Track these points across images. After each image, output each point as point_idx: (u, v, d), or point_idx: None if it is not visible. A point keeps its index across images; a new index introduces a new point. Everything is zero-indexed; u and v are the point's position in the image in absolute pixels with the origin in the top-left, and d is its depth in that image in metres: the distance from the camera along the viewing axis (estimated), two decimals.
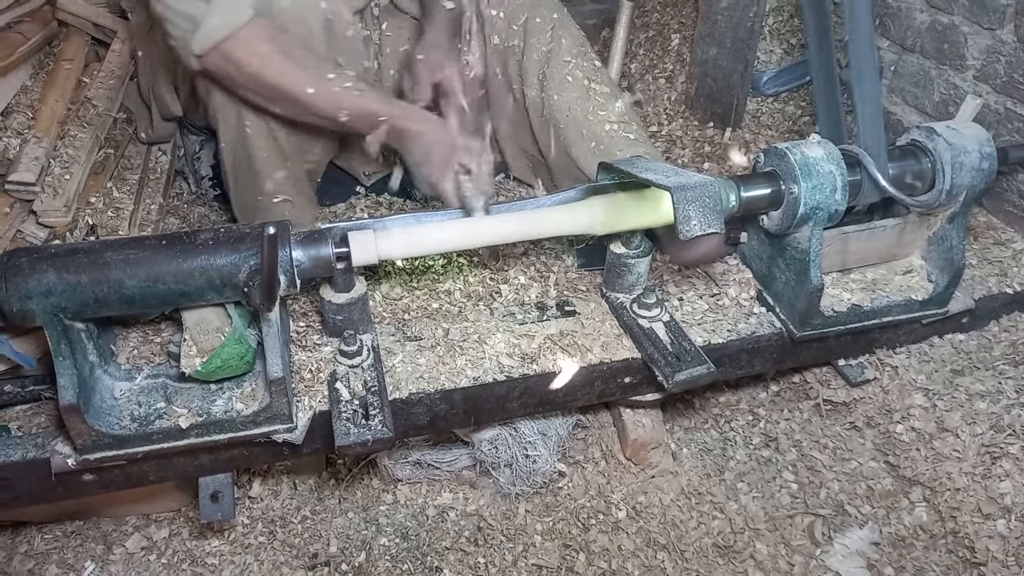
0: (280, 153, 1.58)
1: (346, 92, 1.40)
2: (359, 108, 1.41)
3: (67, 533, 1.46)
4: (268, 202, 1.63)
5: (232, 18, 1.32)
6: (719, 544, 1.44)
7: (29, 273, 1.04)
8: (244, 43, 1.34)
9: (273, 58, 1.36)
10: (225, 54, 1.35)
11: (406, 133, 1.43)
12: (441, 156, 1.40)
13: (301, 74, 1.38)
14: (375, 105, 1.42)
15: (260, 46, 1.35)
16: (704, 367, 1.25)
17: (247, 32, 1.33)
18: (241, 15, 1.32)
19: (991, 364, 1.48)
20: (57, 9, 1.84)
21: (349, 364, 1.25)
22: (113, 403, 1.17)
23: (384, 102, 1.43)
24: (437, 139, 1.41)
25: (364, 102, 1.41)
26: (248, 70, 1.36)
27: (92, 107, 1.70)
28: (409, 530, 1.48)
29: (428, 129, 1.42)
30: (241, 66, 1.36)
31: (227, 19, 1.32)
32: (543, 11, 1.66)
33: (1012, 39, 1.64)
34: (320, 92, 1.39)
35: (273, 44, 1.36)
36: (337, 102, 1.40)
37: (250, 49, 1.34)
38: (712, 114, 2.20)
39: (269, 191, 1.62)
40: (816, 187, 1.25)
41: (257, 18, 1.34)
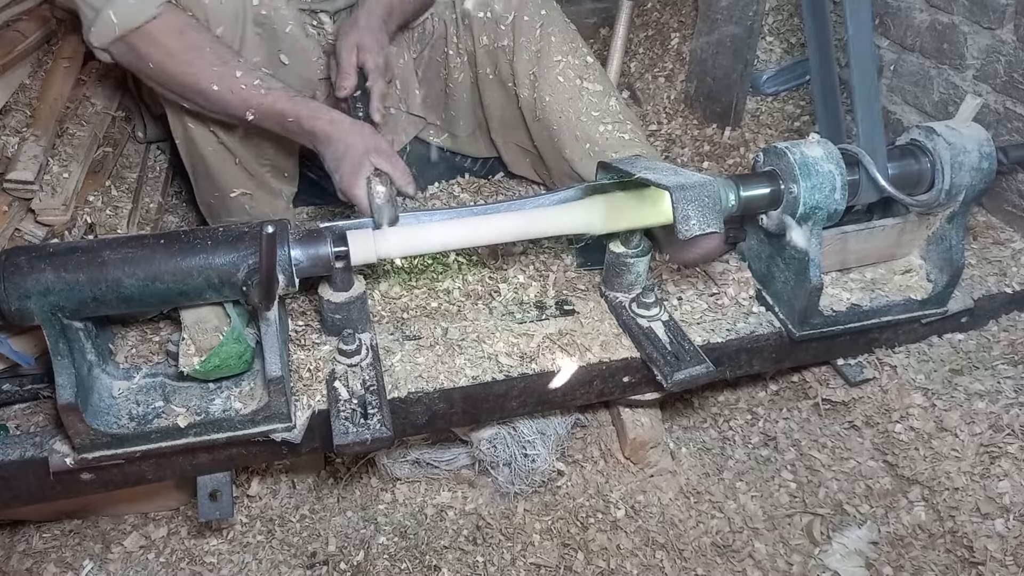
0: (226, 149, 1.56)
1: (253, 90, 1.34)
2: (266, 107, 1.35)
3: (65, 532, 1.46)
4: (225, 198, 1.61)
5: (133, 14, 1.29)
6: (718, 543, 1.44)
7: (27, 272, 1.04)
8: (149, 36, 1.31)
9: (178, 52, 1.32)
10: (130, 45, 1.32)
11: (317, 135, 1.35)
12: (352, 160, 1.31)
13: (206, 70, 1.33)
14: (283, 104, 1.35)
15: (166, 39, 1.31)
16: (703, 366, 1.25)
17: (155, 25, 1.30)
18: (145, 12, 1.29)
19: (990, 364, 1.48)
20: (55, 7, 1.83)
21: (348, 363, 1.25)
22: (111, 402, 1.17)
23: (293, 102, 1.36)
24: (347, 142, 1.33)
25: (271, 101, 1.35)
26: (152, 63, 1.33)
27: (91, 105, 1.70)
28: (408, 529, 1.48)
29: (337, 131, 1.34)
30: (144, 58, 1.33)
31: (127, 15, 1.29)
32: (531, 9, 1.61)
33: (1012, 39, 1.64)
34: (225, 89, 1.34)
35: (182, 38, 1.32)
36: (246, 101, 1.35)
37: (155, 42, 1.31)
38: (712, 113, 2.20)
39: (223, 188, 1.59)
40: (815, 186, 1.25)
41: (169, 10, 1.31)
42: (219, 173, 1.58)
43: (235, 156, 1.57)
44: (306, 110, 1.35)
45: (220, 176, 1.59)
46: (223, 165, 1.58)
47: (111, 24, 1.29)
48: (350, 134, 1.33)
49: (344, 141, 1.32)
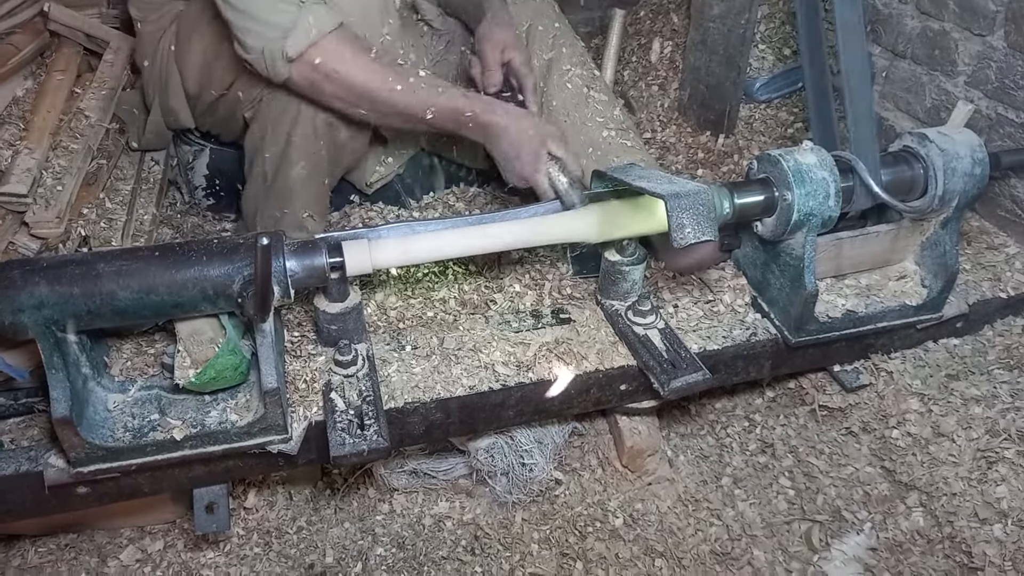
0: (318, 168, 1.60)
1: (431, 90, 1.42)
2: (444, 106, 1.43)
3: (61, 546, 1.45)
4: (297, 215, 1.64)
5: (321, 24, 1.35)
6: (717, 551, 1.43)
7: (21, 286, 1.04)
8: (330, 49, 1.37)
9: (358, 61, 1.39)
10: (311, 60, 1.38)
11: (492, 128, 1.44)
12: (531, 149, 1.41)
13: (387, 75, 1.41)
14: (460, 102, 1.43)
15: (345, 50, 1.39)
16: (699, 374, 1.25)
17: (332, 38, 1.37)
18: (329, 22, 1.36)
19: (986, 368, 1.48)
20: (49, 20, 1.84)
21: (344, 374, 1.25)
22: (106, 415, 1.17)
23: (468, 98, 1.44)
24: (523, 131, 1.42)
25: (448, 99, 1.43)
26: (337, 74, 1.39)
27: (84, 118, 1.70)
28: (405, 540, 1.47)
29: (513, 122, 1.43)
30: (329, 71, 1.39)
31: (317, 24, 1.35)
32: (546, 20, 1.69)
33: (1002, 45, 1.65)
34: (406, 92, 1.41)
35: (356, 48, 1.40)
36: (424, 101, 1.42)
37: (336, 54, 1.38)
38: (705, 121, 2.21)
39: (298, 207, 1.62)
40: (809, 193, 1.25)
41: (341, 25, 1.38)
42: (300, 192, 1.62)
43: (322, 174, 1.62)
44: (481, 105, 1.44)
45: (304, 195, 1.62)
46: (308, 184, 1.61)
47: (308, 30, 1.35)
48: (527, 124, 1.42)
49: (521, 131, 1.41)
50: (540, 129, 1.44)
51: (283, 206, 1.63)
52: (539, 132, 1.43)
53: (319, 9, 1.36)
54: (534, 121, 1.45)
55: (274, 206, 1.65)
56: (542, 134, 1.43)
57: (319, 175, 1.61)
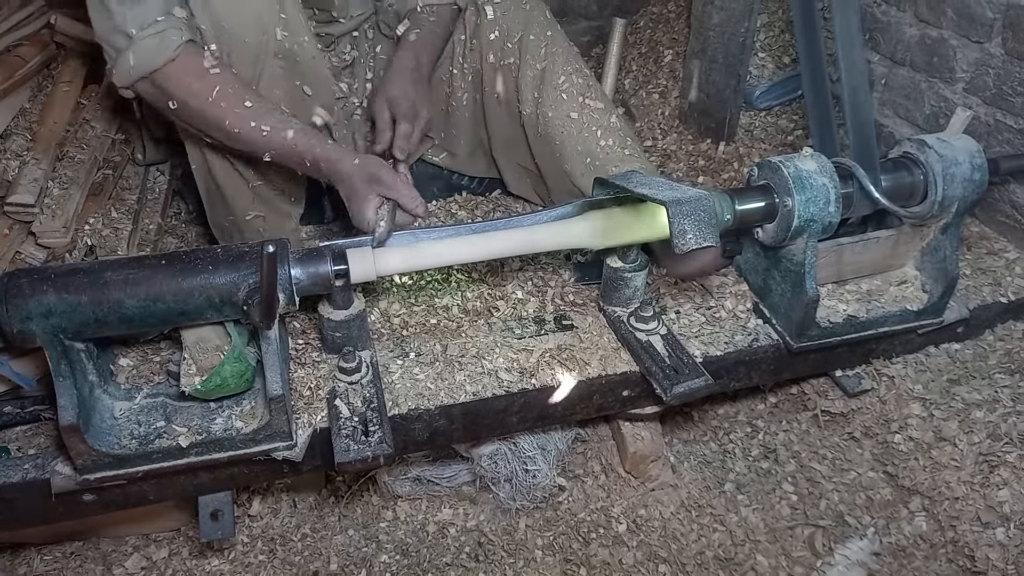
0: (240, 175, 1.59)
1: (273, 132, 1.38)
2: (285, 148, 1.39)
3: (67, 554, 1.45)
4: (240, 221, 1.64)
5: (151, 57, 1.32)
6: (720, 556, 1.44)
7: (29, 294, 1.05)
8: (169, 76, 1.34)
9: (200, 92, 1.35)
10: (152, 84, 1.36)
11: (331, 176, 1.41)
12: (360, 195, 1.37)
13: (228, 111, 1.36)
14: (301, 147, 1.39)
15: (187, 79, 1.35)
16: (702, 379, 1.26)
17: (174, 66, 1.33)
18: (163, 54, 1.32)
19: (987, 373, 1.49)
20: (56, 32, 1.86)
21: (348, 381, 1.25)
22: (113, 423, 1.17)
23: (310, 144, 1.39)
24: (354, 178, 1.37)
25: (291, 143, 1.39)
26: (174, 101, 1.36)
27: (90, 128, 1.71)
28: (409, 547, 1.47)
29: (346, 170, 1.38)
30: (166, 97, 1.37)
31: (145, 58, 1.32)
32: (537, 29, 1.67)
33: (1000, 52, 1.66)
34: (246, 130, 1.37)
35: (202, 79, 1.35)
36: (263, 143, 1.39)
37: (176, 82, 1.35)
38: (706, 128, 2.22)
39: (238, 211, 1.62)
40: (810, 200, 1.26)
41: (188, 50, 1.34)
42: (233, 198, 1.61)
43: (249, 182, 1.60)
44: (321, 151, 1.39)
45: (235, 200, 1.62)
46: (238, 190, 1.61)
47: (129, 66, 1.33)
48: (354, 172, 1.37)
49: (351, 178, 1.37)
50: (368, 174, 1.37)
51: (227, 212, 1.63)
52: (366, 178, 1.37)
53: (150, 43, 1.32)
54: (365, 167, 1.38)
55: (219, 213, 1.66)
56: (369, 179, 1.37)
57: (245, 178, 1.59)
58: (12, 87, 1.67)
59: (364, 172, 1.37)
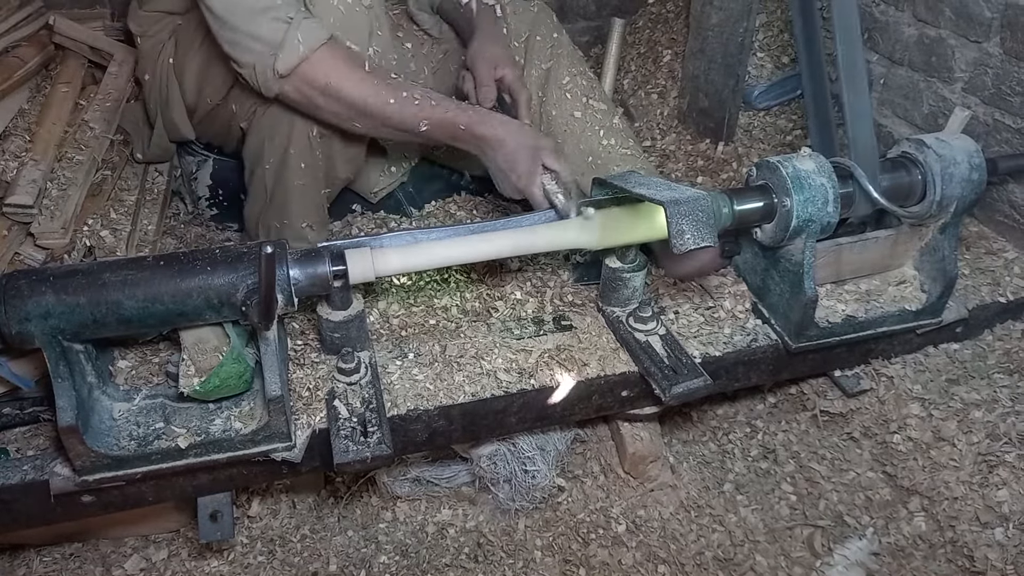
0: (315, 179, 1.61)
1: (425, 103, 1.42)
2: (438, 118, 1.42)
3: (65, 556, 1.45)
4: (295, 225, 1.65)
5: (312, 39, 1.35)
6: (719, 557, 1.44)
7: (27, 295, 1.05)
8: (322, 63, 1.37)
9: (351, 75, 1.39)
10: (304, 75, 1.38)
11: (486, 140, 1.43)
12: (526, 160, 1.41)
13: (380, 88, 1.40)
14: (454, 113, 1.43)
15: (337, 64, 1.38)
16: (701, 379, 1.26)
17: (323, 52, 1.36)
18: (320, 36, 1.36)
19: (986, 373, 1.49)
20: (54, 33, 1.85)
21: (347, 382, 1.25)
22: (112, 424, 1.17)
23: (462, 110, 1.44)
24: (519, 143, 1.42)
25: (443, 111, 1.42)
26: (330, 88, 1.39)
27: (89, 129, 1.71)
28: (409, 547, 1.47)
29: (508, 134, 1.42)
30: (322, 86, 1.38)
31: (307, 40, 1.35)
32: (543, 30, 1.69)
33: (998, 51, 1.66)
34: (400, 104, 1.41)
35: (349, 61, 1.39)
36: (417, 113, 1.42)
37: (328, 68, 1.37)
38: (705, 128, 2.22)
39: (296, 218, 1.63)
40: (808, 200, 1.26)
41: (332, 39, 1.38)
42: (298, 203, 1.62)
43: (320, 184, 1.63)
44: (477, 116, 1.43)
45: (302, 206, 1.63)
46: (306, 195, 1.62)
47: (297, 46, 1.34)
48: (521, 136, 1.41)
49: (517, 143, 1.40)
50: (535, 141, 1.43)
51: (282, 217, 1.64)
52: (534, 144, 1.42)
53: (309, 24, 1.36)
54: (529, 133, 1.45)
55: (274, 217, 1.66)
56: (537, 146, 1.42)
57: (316, 186, 1.62)
58: (10, 88, 1.67)
59: (530, 139, 1.41)
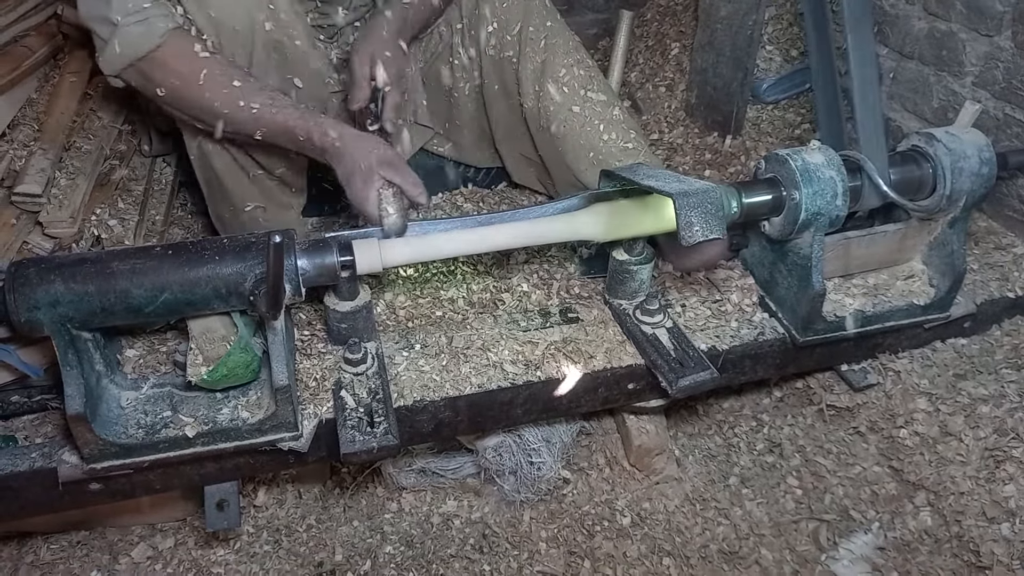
0: (239, 166, 1.58)
1: (265, 111, 1.36)
2: (278, 125, 1.37)
3: (73, 543, 1.46)
4: (239, 212, 1.63)
5: (136, 44, 1.31)
6: (724, 550, 1.44)
7: (37, 283, 1.05)
8: (156, 62, 1.33)
9: (187, 76, 1.34)
10: (140, 72, 1.35)
11: (326, 150, 1.37)
12: (362, 173, 1.33)
13: (216, 93, 1.35)
14: (293, 122, 1.36)
15: (174, 64, 1.34)
16: (707, 373, 1.25)
17: (161, 52, 1.32)
18: (148, 41, 1.31)
19: (993, 368, 1.48)
20: (62, 23, 1.86)
21: (354, 372, 1.26)
22: (120, 412, 1.18)
23: (304, 119, 1.37)
24: (357, 155, 1.34)
25: (281, 119, 1.36)
26: (163, 88, 1.35)
27: (97, 119, 1.72)
28: (414, 538, 1.48)
29: (347, 144, 1.35)
30: (154, 83, 1.36)
31: (130, 45, 1.31)
32: (536, 20, 1.64)
33: (1010, 45, 1.65)
34: (234, 112, 1.36)
35: (189, 63, 1.34)
36: (255, 120, 1.37)
37: (163, 68, 1.33)
38: (712, 122, 2.21)
39: (237, 202, 1.62)
40: (817, 193, 1.25)
41: (175, 36, 1.33)
42: (233, 188, 1.60)
43: (248, 172, 1.59)
44: (316, 126, 1.36)
45: (234, 191, 1.61)
46: (236, 180, 1.60)
47: (116, 54, 1.32)
48: (358, 148, 1.33)
49: (353, 155, 1.33)
50: (375, 153, 1.33)
51: (227, 203, 1.63)
52: (373, 156, 1.33)
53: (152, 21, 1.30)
54: (370, 144, 1.35)
55: (219, 205, 1.65)
56: (376, 159, 1.32)
57: (244, 167, 1.58)
58: (19, 78, 1.67)
59: (368, 151, 1.33)
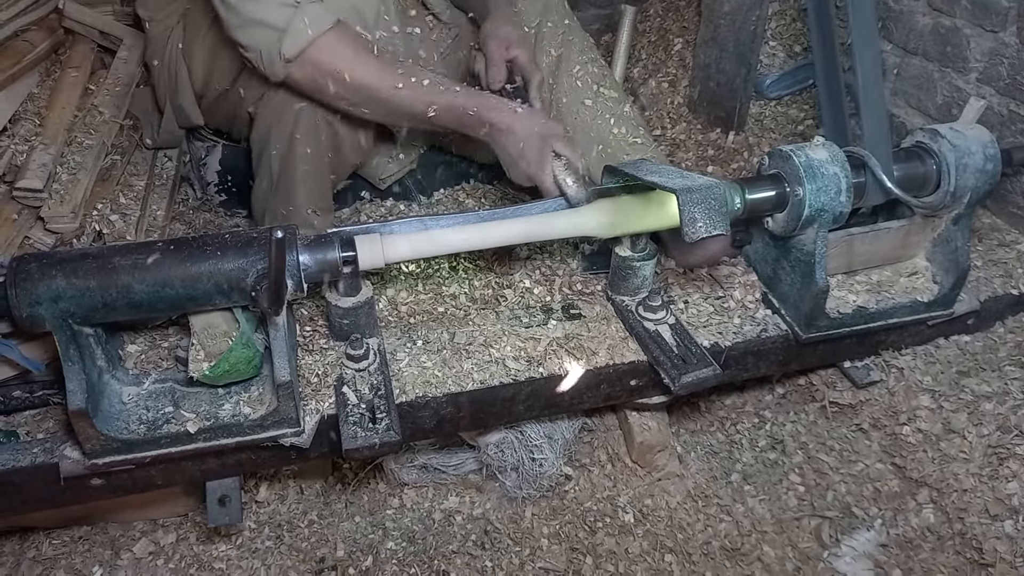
0: (321, 165, 1.60)
1: (433, 88, 1.40)
2: (447, 103, 1.41)
3: (75, 539, 1.46)
4: (301, 211, 1.64)
5: (319, 23, 1.34)
6: (726, 547, 1.44)
7: (38, 279, 1.05)
8: (329, 48, 1.36)
9: (360, 59, 1.38)
10: (312, 60, 1.37)
11: (496, 126, 1.41)
12: (535, 148, 1.38)
13: (389, 73, 1.39)
14: (462, 99, 1.41)
15: (345, 49, 1.37)
16: (710, 369, 1.25)
17: (330, 37, 1.36)
18: (326, 21, 1.35)
19: (997, 365, 1.48)
20: (64, 17, 1.85)
21: (356, 368, 1.25)
22: (121, 408, 1.18)
23: (471, 95, 1.42)
24: (528, 129, 1.39)
25: (451, 97, 1.41)
26: (337, 74, 1.38)
27: (99, 114, 1.71)
28: (416, 534, 1.48)
29: (517, 120, 1.40)
30: (330, 71, 1.38)
31: (314, 24, 1.34)
32: (555, 17, 1.68)
33: (1015, 41, 1.64)
34: (408, 89, 1.39)
35: (357, 46, 1.39)
36: (425, 99, 1.40)
37: (336, 53, 1.37)
38: (715, 118, 2.21)
39: (302, 204, 1.63)
40: (821, 189, 1.25)
41: (340, 23, 1.37)
42: (304, 190, 1.62)
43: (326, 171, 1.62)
44: (486, 102, 1.42)
45: (308, 192, 1.62)
46: (312, 182, 1.61)
47: (304, 30, 1.33)
48: (531, 123, 1.39)
49: (526, 129, 1.38)
50: (545, 127, 1.41)
51: (288, 203, 1.63)
52: (544, 130, 1.40)
53: (316, 8, 1.34)
54: (539, 119, 1.43)
55: (280, 203, 1.65)
56: (547, 132, 1.40)
57: (322, 172, 1.61)
58: (20, 72, 1.66)
59: (539, 126, 1.38)
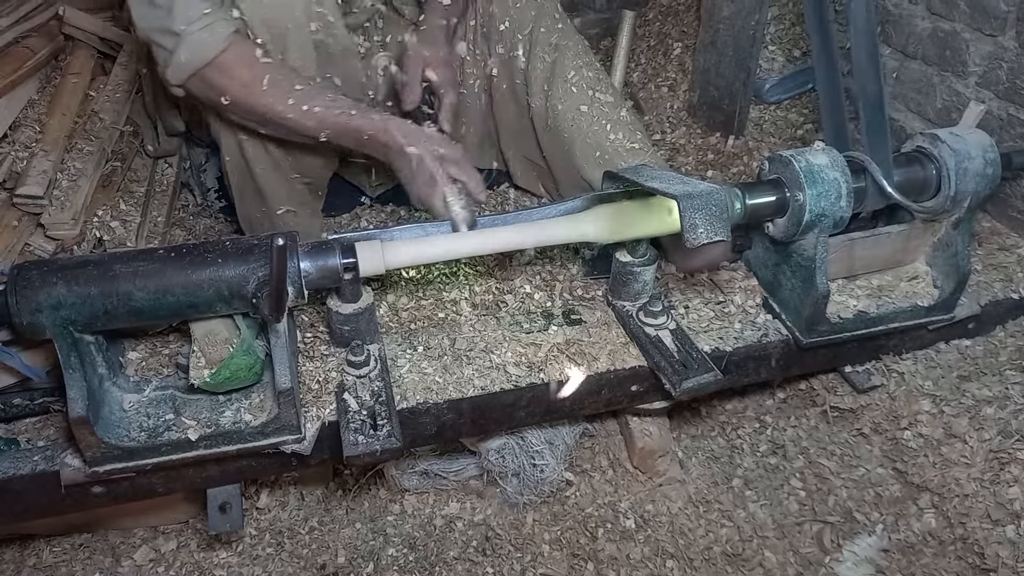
0: (278, 169, 1.60)
1: (327, 112, 1.38)
2: (340, 127, 1.39)
3: (75, 546, 1.46)
4: (272, 214, 1.65)
5: (203, 50, 1.33)
6: (728, 552, 1.43)
7: (39, 286, 1.05)
8: (221, 68, 1.35)
9: (251, 82, 1.36)
10: (205, 79, 1.36)
11: (390, 148, 1.39)
12: (427, 170, 1.35)
13: (280, 97, 1.37)
14: (357, 122, 1.39)
15: (238, 70, 1.36)
16: (711, 374, 1.25)
17: (225, 57, 1.35)
18: (214, 46, 1.33)
19: (998, 369, 1.48)
20: (64, 23, 1.86)
21: (356, 374, 1.25)
22: (122, 415, 1.18)
23: (367, 118, 1.40)
24: (422, 152, 1.36)
25: (346, 120, 1.39)
26: (228, 95, 1.37)
27: (99, 120, 1.71)
28: (417, 540, 1.48)
29: (412, 142, 1.37)
30: (220, 91, 1.37)
31: (197, 52, 1.33)
32: (547, 21, 1.66)
33: (1014, 45, 1.65)
34: (298, 115, 1.38)
35: (252, 68, 1.37)
36: (315, 124, 1.39)
37: (227, 74, 1.36)
38: (715, 122, 2.21)
39: (271, 205, 1.63)
40: (821, 194, 1.25)
41: (237, 41, 1.35)
42: (270, 191, 1.62)
43: (286, 175, 1.62)
44: (381, 124, 1.38)
45: (271, 194, 1.63)
46: (275, 184, 1.62)
47: (182, 63, 1.34)
48: (426, 146, 1.36)
49: (420, 152, 1.36)
50: (440, 150, 1.37)
51: (261, 203, 1.64)
52: (439, 153, 1.36)
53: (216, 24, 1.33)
54: (437, 142, 1.39)
55: (251, 206, 1.67)
56: (442, 156, 1.36)
57: (282, 170, 1.60)
58: (20, 79, 1.67)
59: (433, 148, 1.36)
